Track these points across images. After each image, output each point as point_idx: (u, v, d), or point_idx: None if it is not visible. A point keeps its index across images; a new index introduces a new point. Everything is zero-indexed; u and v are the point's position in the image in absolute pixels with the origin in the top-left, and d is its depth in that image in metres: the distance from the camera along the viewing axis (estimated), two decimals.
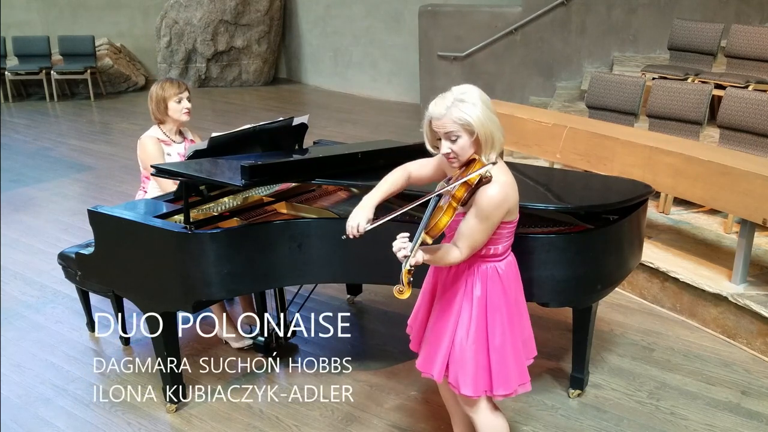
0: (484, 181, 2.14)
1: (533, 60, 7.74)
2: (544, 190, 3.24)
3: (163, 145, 3.63)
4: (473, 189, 2.14)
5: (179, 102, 3.58)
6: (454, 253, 2.22)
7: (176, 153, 3.64)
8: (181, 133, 3.73)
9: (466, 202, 2.16)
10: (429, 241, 2.12)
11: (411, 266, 2.08)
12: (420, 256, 2.12)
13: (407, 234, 2.14)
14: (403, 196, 2.52)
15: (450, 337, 2.38)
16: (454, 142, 2.16)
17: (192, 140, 3.74)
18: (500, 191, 2.16)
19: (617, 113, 5.02)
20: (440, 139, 2.20)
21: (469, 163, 2.18)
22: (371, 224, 2.19)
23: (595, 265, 2.93)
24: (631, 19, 7.34)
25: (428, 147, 2.30)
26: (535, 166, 4.39)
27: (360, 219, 2.22)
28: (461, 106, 2.13)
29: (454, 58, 7.85)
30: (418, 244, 2.09)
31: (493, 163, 2.18)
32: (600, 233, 2.92)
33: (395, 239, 2.14)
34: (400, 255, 2.10)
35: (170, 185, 3.53)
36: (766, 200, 3.44)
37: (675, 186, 3.95)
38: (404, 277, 2.06)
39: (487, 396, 2.43)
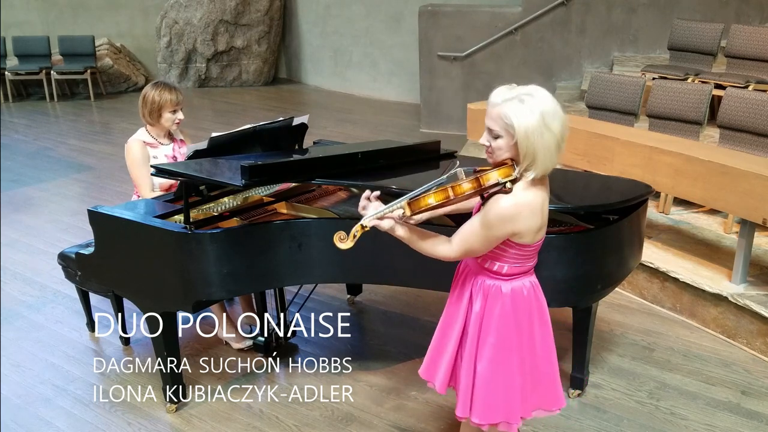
0: (500, 190, 2.01)
1: (533, 60, 7.73)
2: None
3: (149, 148, 3.58)
4: (482, 190, 2.02)
5: (174, 113, 3.55)
6: (444, 245, 2.11)
7: (163, 155, 3.60)
8: (170, 134, 3.70)
9: (467, 199, 2.06)
10: (407, 212, 2.02)
11: (367, 225, 2.02)
12: (387, 224, 2.03)
13: (377, 192, 2.10)
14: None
15: (452, 348, 2.29)
16: (494, 138, 2.01)
17: (182, 140, 3.72)
18: (511, 207, 2.00)
19: (617, 113, 5.01)
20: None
21: (500, 166, 2.02)
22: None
23: (595, 265, 2.93)
24: (631, 19, 7.34)
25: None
26: None
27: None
28: (516, 106, 1.94)
29: (454, 58, 7.85)
30: (390, 210, 2.02)
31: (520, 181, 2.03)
32: (600, 233, 2.92)
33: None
34: (362, 211, 2.04)
35: (148, 191, 3.52)
36: (766, 200, 3.44)
37: (675, 186, 3.95)
38: (355, 228, 2.02)
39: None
